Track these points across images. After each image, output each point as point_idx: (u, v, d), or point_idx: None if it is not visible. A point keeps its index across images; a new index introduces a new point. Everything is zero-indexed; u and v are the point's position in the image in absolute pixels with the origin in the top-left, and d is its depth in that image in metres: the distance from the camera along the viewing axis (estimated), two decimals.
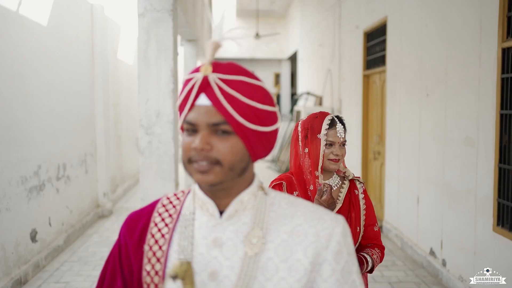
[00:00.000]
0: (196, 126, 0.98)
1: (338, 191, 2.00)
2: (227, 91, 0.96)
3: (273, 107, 1.04)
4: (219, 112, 0.96)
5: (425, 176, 4.95)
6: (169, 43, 4.28)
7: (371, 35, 6.92)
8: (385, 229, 6.20)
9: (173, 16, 4.30)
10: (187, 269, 0.90)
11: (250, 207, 1.05)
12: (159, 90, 4.30)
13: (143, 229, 1.10)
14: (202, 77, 0.97)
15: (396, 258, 5.30)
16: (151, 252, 1.06)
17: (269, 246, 1.01)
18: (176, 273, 0.87)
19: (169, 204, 1.13)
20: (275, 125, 1.05)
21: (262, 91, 1.01)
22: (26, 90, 4.71)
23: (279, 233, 1.03)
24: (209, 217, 1.05)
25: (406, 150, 5.47)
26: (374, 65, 6.80)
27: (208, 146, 0.96)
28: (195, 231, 1.05)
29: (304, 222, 1.03)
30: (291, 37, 15.53)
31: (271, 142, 1.06)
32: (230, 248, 1.01)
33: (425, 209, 4.98)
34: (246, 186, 1.06)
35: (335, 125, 1.95)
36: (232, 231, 1.02)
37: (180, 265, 0.89)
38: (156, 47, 4.28)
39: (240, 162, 1.00)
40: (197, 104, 0.98)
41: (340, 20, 8.59)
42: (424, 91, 4.95)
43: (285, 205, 1.07)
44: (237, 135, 0.98)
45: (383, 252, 2.04)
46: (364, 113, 7.20)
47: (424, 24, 4.95)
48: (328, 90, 9.74)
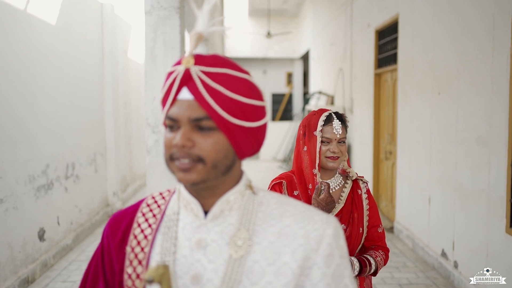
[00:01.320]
0: (177, 122, 0.93)
1: (341, 190, 1.93)
2: (210, 85, 0.91)
3: (260, 101, 0.98)
4: (201, 106, 0.91)
5: (437, 176, 4.85)
6: (176, 41, 4.25)
7: (383, 33, 6.82)
8: (396, 229, 6.10)
9: (180, 14, 4.26)
10: (164, 273, 0.85)
11: (236, 207, 1.00)
12: None
13: (126, 230, 1.06)
14: (183, 70, 0.92)
15: (407, 259, 5.20)
16: (133, 254, 1.01)
17: (255, 248, 0.95)
18: (152, 276, 0.82)
19: (154, 204, 1.09)
20: (262, 120, 0.99)
21: (248, 84, 0.96)
22: (33, 89, 4.71)
23: (266, 234, 0.97)
24: (194, 218, 1.00)
25: (418, 149, 5.37)
26: (385, 63, 6.71)
27: (189, 143, 0.91)
28: (179, 232, 1.00)
29: (293, 223, 0.98)
30: (303, 36, 15.44)
31: (258, 138, 1.00)
32: (215, 250, 0.96)
33: (436, 209, 4.88)
34: (232, 185, 1.01)
35: (331, 121, 1.88)
36: (217, 232, 0.97)
37: (157, 269, 0.84)
38: (163, 45, 4.25)
39: (225, 160, 0.94)
40: (179, 99, 0.93)
41: (351, 18, 8.50)
42: (436, 89, 4.85)
43: (274, 205, 1.02)
44: (221, 131, 0.93)
45: (387, 255, 1.97)
46: (376, 112, 7.10)
47: (436, 21, 4.85)
48: (339, 89, 9.64)
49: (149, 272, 0.84)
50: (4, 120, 4.15)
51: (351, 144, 8.68)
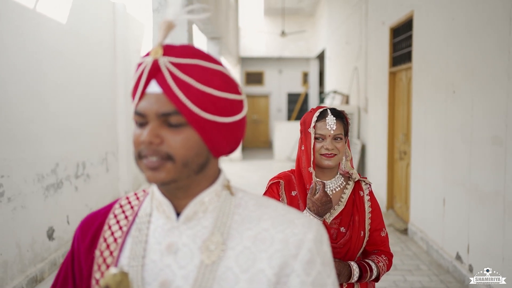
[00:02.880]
0: (145, 117, 0.87)
1: (341, 192, 1.84)
2: (179, 77, 0.84)
3: (235, 94, 0.91)
4: (170, 100, 0.84)
5: (451, 177, 4.72)
6: (184, 39, 4.20)
7: (397, 30, 6.69)
8: (410, 231, 5.97)
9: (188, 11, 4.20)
10: (121, 280, 0.79)
11: (212, 209, 0.92)
12: None
13: (96, 232, 0.99)
14: (151, 61, 0.86)
15: (420, 262, 5.07)
16: (102, 258, 0.95)
17: (229, 253, 0.88)
18: (108, 284, 0.75)
19: (127, 205, 1.02)
20: (239, 115, 0.92)
21: (222, 76, 0.89)
22: (42, 88, 4.71)
23: (242, 239, 0.90)
24: (166, 220, 0.93)
25: (432, 149, 5.23)
26: (400, 61, 6.57)
27: (157, 140, 0.85)
28: (150, 235, 0.94)
29: (271, 227, 0.90)
30: (319, 35, 15.30)
31: (235, 134, 0.93)
32: (186, 255, 0.89)
33: (451, 211, 4.75)
34: (208, 185, 0.93)
35: (325, 117, 1.79)
36: (190, 235, 0.90)
37: (113, 276, 0.78)
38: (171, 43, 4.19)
39: (197, 158, 0.87)
40: (147, 92, 0.87)
41: (366, 16, 8.36)
42: (451, 87, 4.71)
43: (252, 207, 0.94)
44: (192, 127, 0.86)
45: (390, 260, 1.87)
46: (390, 112, 6.97)
47: (451, 17, 4.71)
48: (354, 88, 9.51)
49: (105, 279, 0.77)
50: (12, 118, 4.15)
51: (365, 144, 8.54)
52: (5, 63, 4.06)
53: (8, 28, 4.12)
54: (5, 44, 4.07)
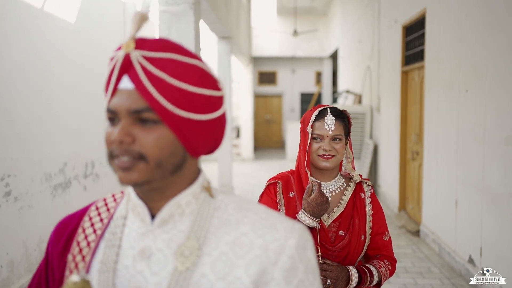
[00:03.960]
0: (117, 114, 0.82)
1: (342, 194, 1.77)
2: (152, 71, 0.79)
3: (213, 90, 0.85)
4: (142, 96, 0.80)
5: (464, 178, 4.61)
6: (191, 37, 4.16)
7: (410, 29, 6.58)
8: (422, 233, 5.86)
9: (195, 9, 4.16)
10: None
11: (189, 212, 0.87)
12: None
13: (70, 236, 0.95)
14: (123, 56, 0.81)
15: (432, 265, 4.96)
16: (74, 263, 0.90)
17: (204, 260, 0.83)
18: None
19: (104, 207, 0.97)
20: (217, 112, 0.86)
21: (198, 71, 0.84)
22: (50, 87, 4.71)
23: (219, 244, 0.84)
24: (141, 223, 0.88)
25: (444, 150, 5.13)
26: (412, 60, 6.46)
27: (128, 138, 0.80)
28: (124, 239, 0.89)
29: (251, 231, 0.85)
30: (332, 34, 15.18)
31: (213, 132, 0.87)
32: (159, 261, 0.84)
33: (463, 213, 4.64)
34: (185, 186, 0.88)
35: (324, 116, 1.72)
36: (165, 240, 0.85)
37: (74, 284, 0.73)
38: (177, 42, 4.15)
39: (171, 157, 0.82)
40: (119, 88, 0.82)
41: (379, 14, 8.25)
42: (463, 86, 4.60)
43: (232, 210, 0.89)
44: (166, 125, 0.81)
45: (393, 265, 1.79)
46: (403, 111, 6.86)
47: (464, 14, 4.60)
48: (367, 88, 9.40)
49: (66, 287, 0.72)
50: (19, 118, 4.15)
51: (378, 144, 8.43)
52: (12, 63, 4.06)
53: (15, 28, 4.12)
54: (12, 44, 4.07)
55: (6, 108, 3.96)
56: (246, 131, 15.00)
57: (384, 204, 7.80)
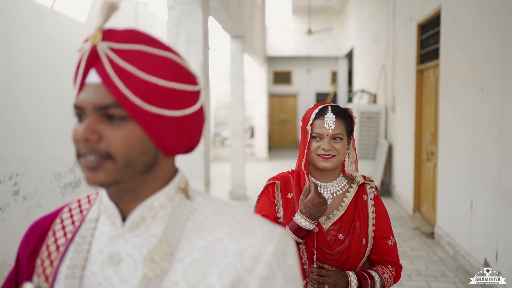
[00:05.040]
0: (83, 110, 0.77)
1: (343, 196, 1.69)
2: (119, 64, 0.74)
3: (186, 84, 0.79)
4: (109, 91, 0.74)
5: (479, 179, 4.48)
6: (199, 36, 4.10)
7: (425, 26, 6.45)
8: (437, 235, 5.73)
9: (203, 8, 4.11)
10: None
11: (162, 215, 0.81)
12: None
13: (40, 239, 0.89)
14: (89, 48, 0.75)
15: (446, 268, 4.84)
16: (42, 268, 0.85)
17: (175, 266, 0.77)
18: None
19: (77, 209, 0.92)
20: (191, 108, 0.80)
21: (170, 64, 0.78)
22: (60, 86, 4.70)
23: (192, 249, 0.78)
24: (112, 226, 0.82)
25: (459, 150, 5.00)
26: (427, 59, 6.33)
27: (94, 136, 0.74)
28: (94, 243, 0.83)
29: (226, 236, 0.79)
30: (347, 33, 15.03)
31: (189, 130, 0.81)
32: (129, 267, 0.78)
33: (479, 215, 4.51)
34: (159, 187, 0.82)
35: (324, 114, 1.64)
36: (136, 245, 0.79)
37: None
38: (186, 41, 4.12)
39: (142, 156, 0.77)
40: (87, 83, 0.77)
41: (394, 13, 8.12)
42: (479, 85, 4.48)
43: (208, 213, 0.83)
44: (135, 121, 0.75)
45: (398, 272, 1.70)
46: (418, 111, 6.73)
47: (480, 11, 4.48)
48: (382, 87, 9.27)
49: None
50: (28, 117, 4.15)
51: (392, 145, 8.30)
52: (20, 62, 4.06)
53: (24, 27, 4.12)
54: (21, 43, 4.07)
55: (14, 107, 3.96)
56: (261, 131, 14.94)
57: (399, 205, 7.67)
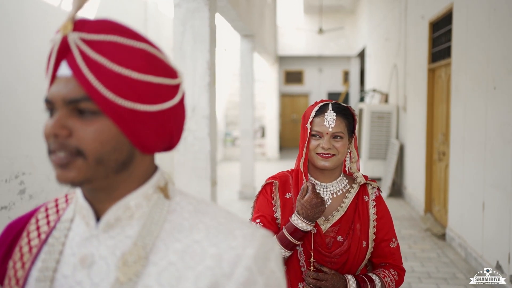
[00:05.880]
0: (53, 105, 0.73)
1: (343, 196, 1.64)
2: (91, 56, 0.70)
3: (163, 77, 0.75)
4: (80, 84, 0.70)
5: (491, 180, 4.38)
6: (206, 34, 4.07)
7: (437, 25, 6.35)
8: (448, 237, 5.63)
9: (210, 6, 4.08)
10: None
11: (139, 215, 0.77)
12: (194, 84, 4.10)
13: (14, 240, 0.85)
14: (60, 39, 0.72)
15: (457, 270, 4.75)
16: (13, 271, 0.81)
17: (150, 270, 0.73)
18: None
19: (53, 208, 0.88)
20: (168, 102, 0.76)
21: (145, 56, 0.73)
22: None
23: (167, 252, 0.74)
24: (86, 227, 0.78)
25: (471, 150, 4.90)
26: (439, 57, 6.23)
27: (64, 131, 0.70)
28: (67, 244, 0.79)
29: (205, 239, 0.74)
30: (359, 33, 14.91)
31: (166, 126, 0.77)
32: (101, 271, 0.74)
33: (491, 217, 4.42)
34: (136, 186, 0.78)
35: (324, 112, 1.59)
36: (110, 246, 0.75)
37: None
38: (192, 39, 4.08)
39: (115, 154, 0.72)
40: (58, 76, 0.73)
41: (406, 11, 8.02)
42: (491, 83, 4.38)
43: (187, 214, 0.78)
44: (107, 116, 0.71)
45: (401, 275, 1.63)
46: (429, 110, 6.63)
47: (492, 8, 4.38)
48: (393, 86, 9.16)
49: None
50: (35, 115, 4.14)
51: (404, 145, 8.20)
52: (28, 61, 4.06)
53: (32, 26, 4.12)
54: (28, 42, 4.07)
55: (21, 106, 3.96)
56: (271, 131, 14.88)
57: (410, 206, 7.57)
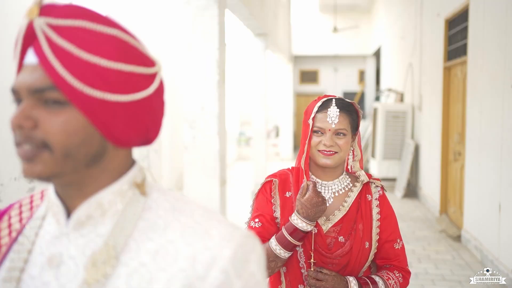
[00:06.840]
0: (19, 95, 0.69)
1: (346, 195, 1.57)
2: (57, 43, 0.65)
3: (135, 65, 0.70)
4: (46, 72, 0.66)
5: (508, 180, 4.26)
6: (215, 32, 4.03)
7: (453, 22, 6.22)
8: (464, 239, 5.51)
9: (219, 3, 4.03)
10: None
11: (112, 213, 0.72)
12: (203, 82, 4.06)
13: None
14: (26, 24, 0.67)
15: (472, 273, 4.62)
16: None
17: (120, 271, 0.68)
18: None
19: (28, 205, 0.84)
20: (142, 92, 0.71)
21: (116, 42, 0.68)
22: None
23: (139, 252, 0.69)
24: (56, 225, 0.74)
25: (487, 150, 4.78)
26: (455, 55, 6.11)
27: (28, 123, 0.66)
28: (37, 243, 0.75)
29: (179, 238, 0.69)
30: (375, 32, 14.76)
31: (140, 117, 0.72)
32: (69, 271, 0.69)
33: (508, 218, 4.29)
34: (110, 181, 0.73)
35: (327, 107, 1.52)
36: (80, 245, 0.71)
37: None
38: (201, 37, 4.05)
39: (84, 147, 0.68)
40: (25, 64, 0.69)
41: (422, 9, 7.89)
42: (508, 81, 4.26)
43: (163, 212, 0.73)
44: (75, 107, 0.66)
45: (406, 278, 1.56)
46: (445, 110, 6.50)
47: (510, 4, 4.26)
48: (409, 85, 9.03)
49: None
50: None
51: (419, 145, 8.06)
52: None
53: None
54: None
55: None
56: (286, 130, 14.81)
57: (425, 207, 7.44)
